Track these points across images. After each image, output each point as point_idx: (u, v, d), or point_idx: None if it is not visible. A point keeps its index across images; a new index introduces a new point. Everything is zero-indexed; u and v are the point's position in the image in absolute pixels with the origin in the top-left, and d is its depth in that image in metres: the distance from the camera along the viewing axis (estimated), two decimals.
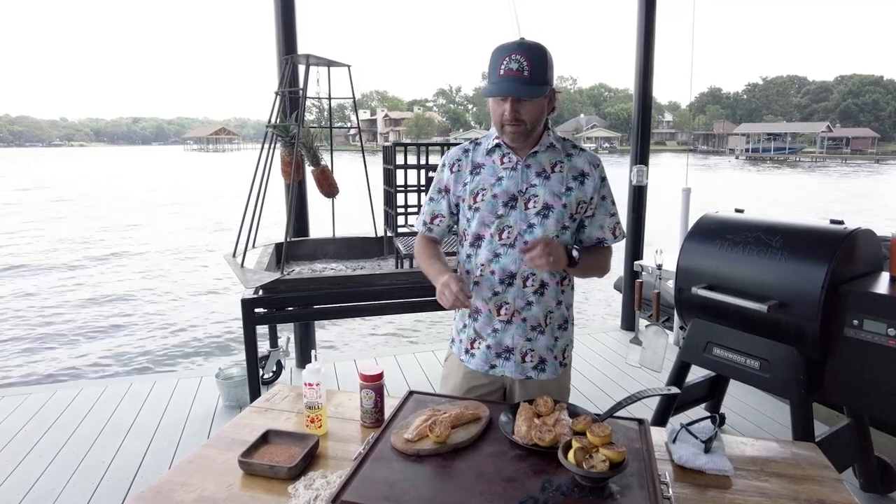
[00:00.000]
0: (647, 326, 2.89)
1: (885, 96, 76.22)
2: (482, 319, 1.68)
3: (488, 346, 1.68)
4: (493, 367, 1.69)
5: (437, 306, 3.05)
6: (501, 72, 1.49)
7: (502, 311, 1.65)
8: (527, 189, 1.61)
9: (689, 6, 4.07)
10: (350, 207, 4.74)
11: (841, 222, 2.20)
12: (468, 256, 1.69)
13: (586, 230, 1.69)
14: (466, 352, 1.73)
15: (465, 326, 1.73)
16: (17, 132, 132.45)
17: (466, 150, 1.69)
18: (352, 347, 6.68)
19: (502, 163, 1.63)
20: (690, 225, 2.61)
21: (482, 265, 1.64)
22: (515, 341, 1.66)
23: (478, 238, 1.65)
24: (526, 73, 1.47)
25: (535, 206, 1.60)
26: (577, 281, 1.75)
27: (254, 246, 3.44)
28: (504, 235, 1.61)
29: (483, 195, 1.62)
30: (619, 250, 1.87)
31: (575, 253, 1.59)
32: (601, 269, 1.74)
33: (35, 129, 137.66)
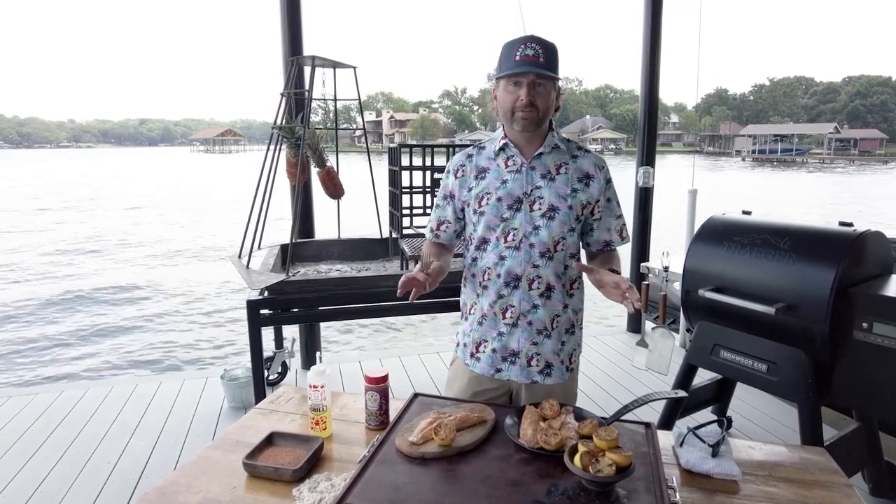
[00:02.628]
0: (653, 329, 2.86)
1: (893, 97, 75.65)
2: (487, 323, 1.67)
3: (494, 350, 1.67)
4: (498, 370, 1.68)
5: (442, 308, 3.06)
6: (517, 57, 1.52)
7: (508, 315, 1.64)
8: (532, 191, 1.60)
9: (696, 7, 4.06)
10: (355, 209, 4.74)
11: (850, 224, 2.18)
12: (474, 260, 1.69)
13: (594, 233, 1.70)
14: (472, 356, 1.72)
15: (470, 330, 1.72)
16: (25, 133, 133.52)
17: (470, 155, 1.70)
18: (355, 349, 6.68)
19: (507, 165, 1.63)
20: (697, 227, 2.60)
21: (488, 268, 1.64)
22: (521, 345, 1.65)
23: (483, 241, 1.65)
24: (542, 59, 1.52)
25: (540, 208, 1.59)
26: (583, 282, 1.74)
27: (259, 247, 3.45)
28: (509, 238, 1.61)
29: (488, 199, 1.62)
30: (625, 252, 1.86)
31: (617, 271, 1.59)
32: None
33: (43, 131, 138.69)
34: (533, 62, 1.51)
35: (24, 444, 3.01)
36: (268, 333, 3.52)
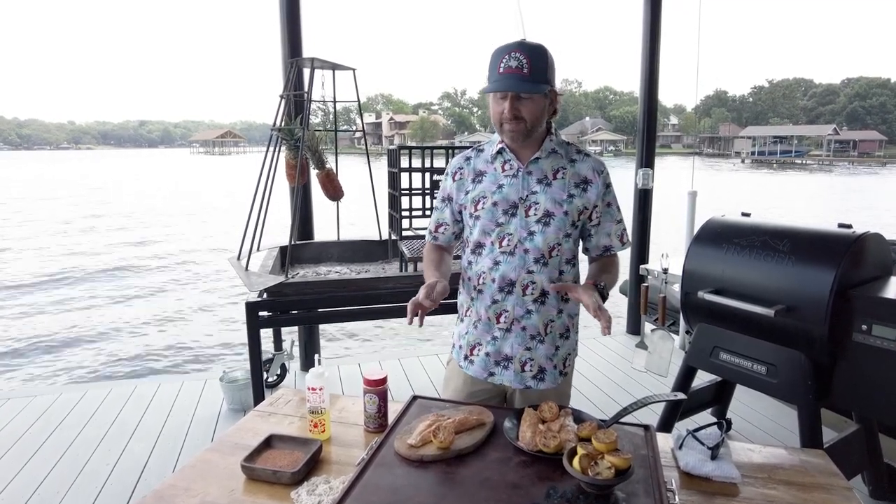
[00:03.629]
0: (652, 331, 2.87)
1: (892, 99, 75.75)
2: (481, 327, 1.67)
3: (487, 354, 1.67)
4: (491, 374, 1.68)
5: (440, 309, 3.05)
6: (501, 69, 1.49)
7: (502, 319, 1.63)
8: (527, 196, 1.59)
9: (695, 9, 4.06)
10: (355, 211, 4.73)
11: (849, 226, 2.18)
12: (469, 264, 1.69)
13: (593, 238, 1.68)
14: (466, 358, 1.72)
15: (465, 332, 1.72)
16: (25, 135, 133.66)
17: (468, 158, 1.69)
18: (356, 351, 6.68)
19: (503, 170, 1.62)
20: (696, 228, 2.60)
21: (482, 273, 1.64)
22: (514, 350, 1.64)
23: (479, 246, 1.65)
24: (525, 70, 1.48)
25: (535, 214, 1.58)
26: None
27: (258, 249, 3.45)
28: (504, 243, 1.60)
29: (483, 203, 1.61)
30: (624, 254, 1.85)
31: (601, 286, 1.57)
32: (616, 282, 1.73)
33: (43, 133, 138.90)
34: (516, 74, 1.47)
35: (22, 446, 3.00)
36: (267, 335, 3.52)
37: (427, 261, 1.75)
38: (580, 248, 1.71)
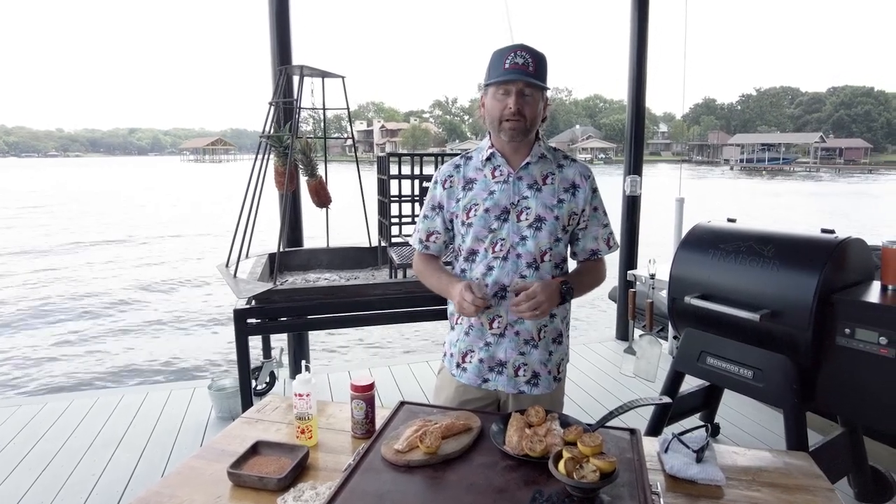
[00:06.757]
0: (641, 336, 2.89)
1: (876, 107, 76.93)
2: (474, 333, 1.67)
3: (480, 360, 1.67)
4: (485, 380, 1.68)
5: (430, 316, 3.07)
6: (507, 65, 1.52)
7: (495, 325, 1.64)
8: (519, 201, 1.60)
9: (682, 17, 4.12)
10: (345, 218, 4.73)
11: (832, 231, 2.21)
12: (462, 271, 1.69)
13: (580, 242, 1.70)
14: (458, 366, 1.71)
15: (457, 340, 1.72)
16: (12, 143, 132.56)
17: (458, 166, 1.69)
18: (345, 358, 6.65)
19: (494, 176, 1.63)
20: (684, 235, 2.62)
21: (476, 279, 1.64)
22: (508, 355, 1.65)
23: (472, 253, 1.65)
24: (531, 68, 1.52)
25: (527, 219, 1.60)
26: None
27: (247, 256, 3.43)
28: (497, 248, 1.61)
29: (475, 210, 1.62)
30: (613, 260, 1.87)
31: (566, 287, 1.59)
32: (597, 284, 1.74)
33: (31, 140, 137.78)
34: (522, 70, 1.51)
35: (6, 457, 2.96)
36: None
37: (432, 269, 1.73)
38: (569, 252, 1.72)
